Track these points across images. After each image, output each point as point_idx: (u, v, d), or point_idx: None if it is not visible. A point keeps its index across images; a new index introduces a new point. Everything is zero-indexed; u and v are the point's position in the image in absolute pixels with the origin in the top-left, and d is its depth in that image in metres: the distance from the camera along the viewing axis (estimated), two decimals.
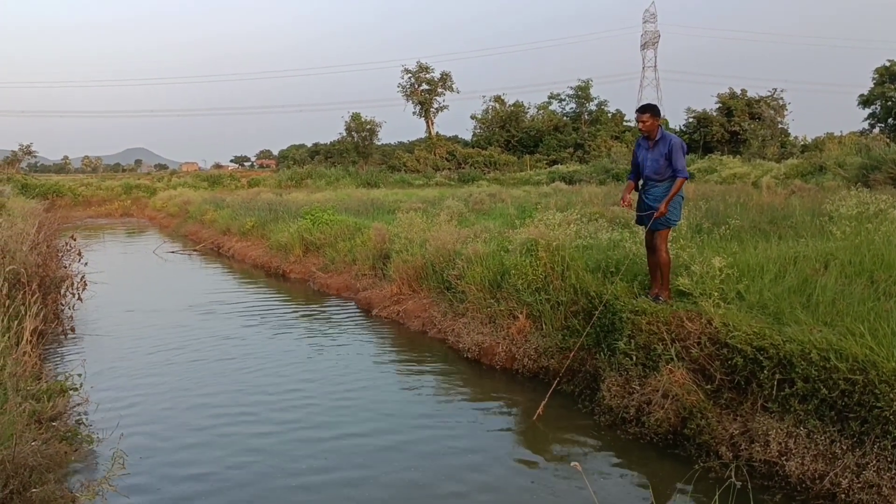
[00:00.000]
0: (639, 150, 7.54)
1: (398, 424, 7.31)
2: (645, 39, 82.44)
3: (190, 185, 50.61)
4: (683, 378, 6.37)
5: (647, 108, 7.41)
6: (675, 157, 7.23)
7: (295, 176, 52.40)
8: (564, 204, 16.22)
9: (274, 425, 7.28)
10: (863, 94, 58.18)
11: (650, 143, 7.40)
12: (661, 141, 7.31)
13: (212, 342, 10.73)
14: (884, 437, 5.07)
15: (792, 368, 5.66)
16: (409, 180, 48.60)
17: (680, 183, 7.25)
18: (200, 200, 32.71)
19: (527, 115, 70.18)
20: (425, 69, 69.86)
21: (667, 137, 7.32)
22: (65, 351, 10.13)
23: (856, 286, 7.00)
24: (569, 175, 42.53)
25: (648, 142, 7.42)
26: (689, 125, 64.56)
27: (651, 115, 7.32)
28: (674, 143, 7.26)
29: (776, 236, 9.89)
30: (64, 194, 45.91)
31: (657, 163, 7.31)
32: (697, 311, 6.76)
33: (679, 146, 7.27)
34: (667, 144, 7.26)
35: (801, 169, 28.40)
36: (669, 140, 7.29)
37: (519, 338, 8.84)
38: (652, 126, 7.32)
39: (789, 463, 5.45)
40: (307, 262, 17.03)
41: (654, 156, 7.34)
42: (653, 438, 6.45)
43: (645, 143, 7.47)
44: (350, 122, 70.00)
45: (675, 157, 7.23)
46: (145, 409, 7.75)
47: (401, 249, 12.58)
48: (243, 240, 21.93)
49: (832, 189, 17.85)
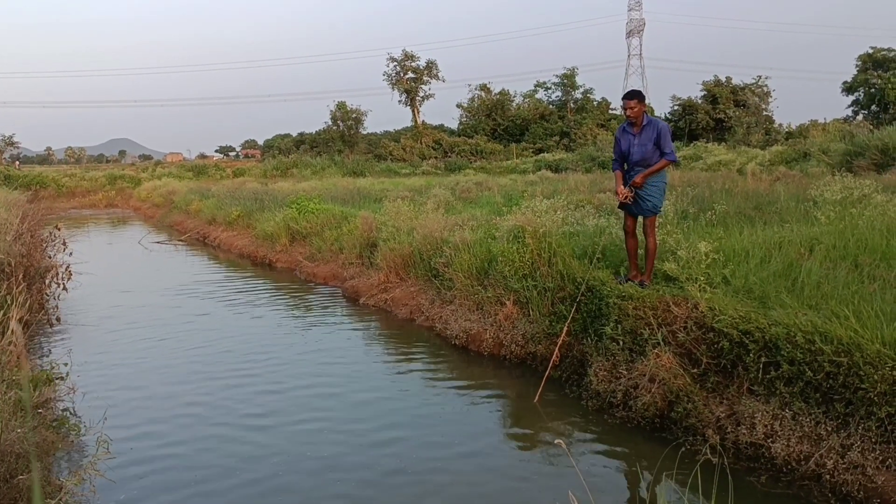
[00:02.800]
0: (623, 137, 7.51)
1: (385, 412, 7.31)
2: (630, 27, 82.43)
3: (175, 175, 50.32)
4: (670, 362, 6.41)
5: (633, 93, 7.41)
6: (663, 141, 7.27)
7: (280, 165, 52.15)
8: (551, 192, 16.24)
9: (261, 413, 7.26)
10: (846, 81, 58.71)
11: (636, 130, 7.40)
12: (648, 126, 7.33)
13: (197, 331, 10.69)
14: (868, 418, 5.12)
15: (777, 351, 5.71)
16: (395, 169, 48.49)
17: (664, 163, 7.29)
18: (185, 190, 32.54)
19: (513, 103, 70.09)
20: (411, 57, 69.64)
21: (653, 122, 7.36)
22: (51, 341, 10.07)
23: (840, 270, 7.06)
24: (555, 163, 42.57)
25: (634, 128, 7.42)
26: (674, 113, 64.68)
27: (638, 101, 7.34)
28: (661, 128, 7.30)
29: (761, 222, 9.96)
30: (48, 185, 45.51)
31: (645, 148, 7.32)
32: (684, 295, 6.80)
33: (667, 130, 7.32)
34: (655, 129, 7.29)
35: (786, 156, 28.56)
36: (657, 125, 7.32)
37: (506, 324, 8.86)
38: (639, 112, 7.32)
39: (775, 445, 5.50)
40: (294, 252, 16.97)
41: (641, 141, 7.34)
42: (640, 422, 6.49)
43: (630, 130, 7.46)
44: (335, 111, 69.67)
45: (663, 140, 7.27)
46: (132, 397, 7.71)
47: (388, 238, 12.56)
48: (229, 229, 21.84)
49: (816, 175, 17.97)
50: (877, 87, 55.35)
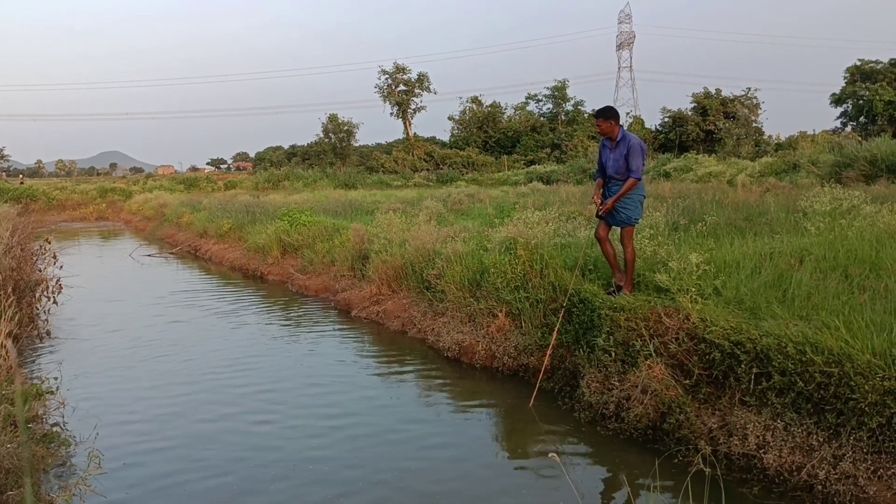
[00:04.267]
0: (603, 151, 7.80)
1: (379, 424, 7.29)
2: (620, 40, 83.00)
3: (166, 187, 50.17)
4: (662, 373, 6.42)
5: (601, 112, 7.67)
6: (631, 157, 7.44)
7: (272, 178, 52.09)
8: (542, 203, 16.25)
9: (252, 426, 7.23)
10: (835, 92, 59.17)
11: (612, 144, 7.64)
12: (622, 141, 7.55)
13: (189, 344, 10.65)
14: (859, 428, 5.14)
15: (769, 362, 5.72)
16: (387, 181, 48.48)
17: (631, 183, 7.43)
18: (177, 203, 32.43)
19: (504, 115, 70.35)
20: (402, 70, 69.84)
21: (627, 138, 7.55)
22: (41, 354, 10.01)
23: (830, 281, 7.09)
24: (546, 175, 42.64)
25: (611, 142, 7.66)
26: (664, 124, 65.00)
27: (605, 118, 7.59)
28: (632, 144, 7.47)
29: (752, 233, 9.99)
30: (38, 198, 45.27)
31: (618, 163, 7.54)
32: (675, 306, 6.81)
33: (637, 147, 7.46)
34: (626, 145, 7.49)
35: (776, 167, 28.67)
36: (629, 141, 7.51)
37: (499, 336, 8.86)
38: (609, 129, 7.58)
39: (767, 455, 5.51)
40: (285, 264, 16.94)
41: (615, 156, 7.58)
42: (632, 434, 6.50)
43: (608, 144, 7.72)
44: (327, 123, 69.79)
45: (631, 157, 7.44)
46: (123, 411, 7.67)
47: (380, 250, 12.55)
48: (220, 242, 21.77)
49: (806, 186, 18.06)
50: (865, 98, 55.80)
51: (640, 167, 7.43)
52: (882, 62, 58.28)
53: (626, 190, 7.45)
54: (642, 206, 7.79)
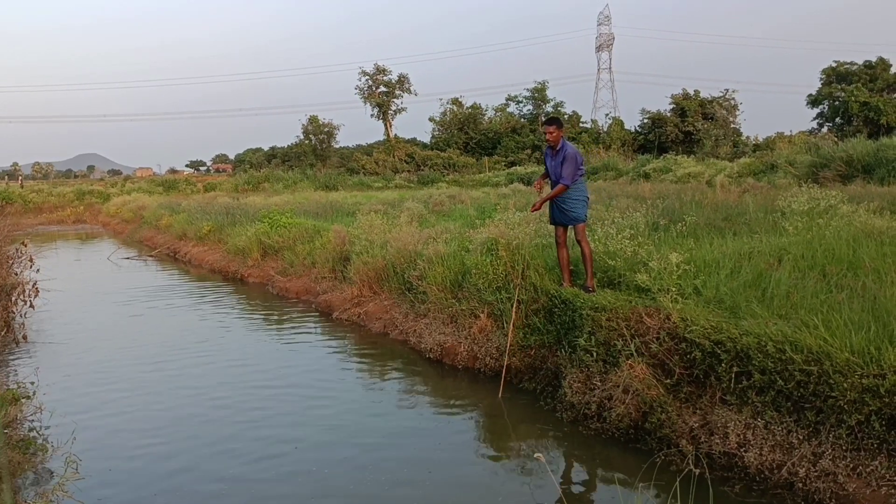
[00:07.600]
0: (546, 158, 8.36)
1: (361, 426, 7.27)
2: (600, 42, 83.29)
3: (145, 190, 49.75)
4: (643, 373, 6.44)
5: (551, 120, 8.20)
6: (564, 165, 7.98)
7: (252, 180, 51.80)
8: (523, 204, 16.26)
9: (233, 428, 7.18)
10: (811, 94, 59.70)
11: (553, 152, 8.16)
12: (561, 150, 8.06)
13: (167, 348, 10.56)
14: (839, 426, 5.18)
15: (749, 361, 5.75)
16: (368, 183, 48.35)
17: (560, 188, 7.99)
18: (156, 205, 32.16)
19: (485, 117, 70.36)
20: (383, 71, 69.72)
21: (565, 147, 8.08)
22: (17, 359, 9.88)
23: (809, 280, 7.14)
24: (527, 176, 42.65)
25: (553, 150, 8.17)
26: (643, 126, 65.30)
27: (556, 127, 8.11)
28: (567, 155, 8.05)
29: (731, 233, 10.05)
30: (14, 201, 44.66)
31: (556, 170, 8.09)
32: (656, 306, 6.84)
33: (572, 157, 8.02)
34: (563, 154, 8.01)
35: (754, 167, 28.89)
36: (566, 150, 8.03)
37: (481, 337, 8.85)
38: (557, 137, 8.07)
39: (748, 454, 5.54)
40: (266, 266, 16.84)
41: (555, 163, 8.12)
42: (614, 433, 6.51)
43: (550, 152, 8.26)
44: (307, 125, 69.52)
45: (564, 164, 7.98)
46: (101, 415, 7.59)
47: (361, 251, 12.51)
48: (200, 244, 21.62)
49: (784, 186, 18.22)
50: (841, 99, 56.35)
51: (570, 175, 7.94)
52: (857, 64, 58.96)
53: (555, 194, 8.04)
54: (587, 205, 8.31)
